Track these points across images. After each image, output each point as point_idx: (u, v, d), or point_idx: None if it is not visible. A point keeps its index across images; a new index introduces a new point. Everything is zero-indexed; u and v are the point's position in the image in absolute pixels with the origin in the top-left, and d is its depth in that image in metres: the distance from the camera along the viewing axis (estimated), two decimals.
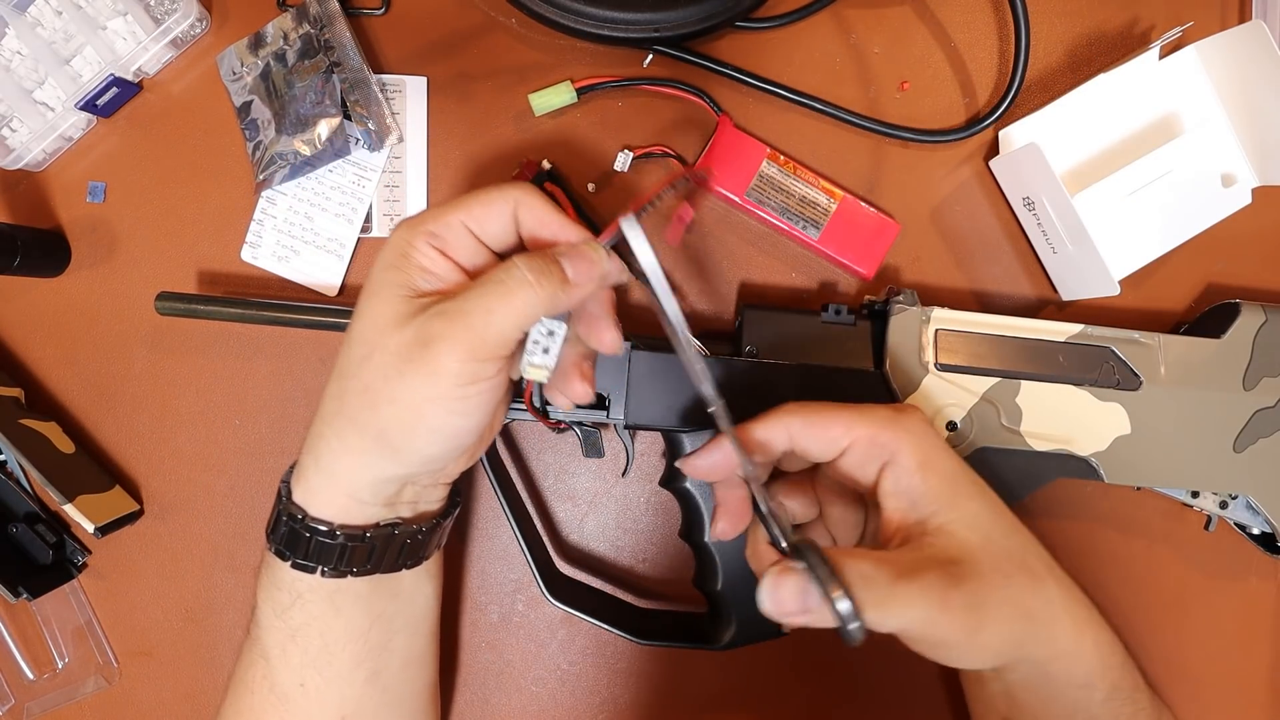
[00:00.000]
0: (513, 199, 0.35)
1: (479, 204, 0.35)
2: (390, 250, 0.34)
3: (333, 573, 0.35)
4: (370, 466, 0.34)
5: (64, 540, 0.48)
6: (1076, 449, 0.43)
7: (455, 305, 0.32)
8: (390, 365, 0.32)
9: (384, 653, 0.38)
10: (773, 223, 0.48)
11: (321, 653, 0.36)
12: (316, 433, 0.35)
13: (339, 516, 0.35)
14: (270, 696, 0.37)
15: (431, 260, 0.34)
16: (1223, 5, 0.51)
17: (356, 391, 0.33)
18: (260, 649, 0.37)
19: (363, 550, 0.35)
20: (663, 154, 0.48)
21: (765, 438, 0.36)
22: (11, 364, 0.49)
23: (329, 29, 0.47)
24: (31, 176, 0.49)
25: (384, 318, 0.33)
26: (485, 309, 0.32)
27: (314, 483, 0.35)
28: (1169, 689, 0.49)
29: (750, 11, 0.47)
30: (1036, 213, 0.47)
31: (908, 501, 0.34)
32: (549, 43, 0.49)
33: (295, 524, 0.35)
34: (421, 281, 0.33)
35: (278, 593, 0.36)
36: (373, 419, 0.33)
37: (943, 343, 0.43)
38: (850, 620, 0.29)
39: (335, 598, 0.36)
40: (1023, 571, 0.34)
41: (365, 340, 0.33)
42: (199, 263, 0.49)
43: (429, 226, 0.34)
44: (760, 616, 0.43)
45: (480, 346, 0.32)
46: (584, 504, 0.49)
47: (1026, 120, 0.48)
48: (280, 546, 0.36)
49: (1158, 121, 0.49)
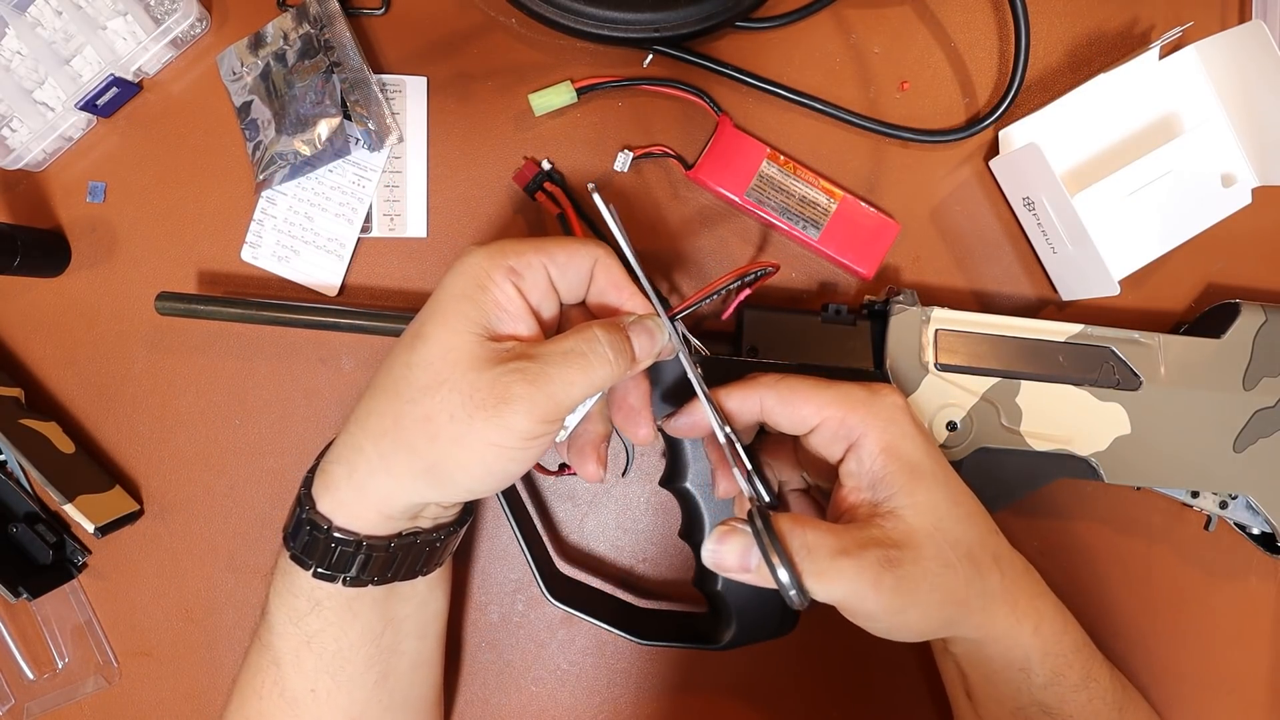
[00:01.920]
0: (594, 256, 0.35)
1: (564, 252, 0.35)
2: (464, 278, 0.34)
3: (353, 582, 0.35)
4: (411, 492, 0.34)
5: (64, 540, 0.48)
6: (1076, 449, 0.43)
7: (539, 369, 0.32)
8: (460, 407, 0.32)
9: (394, 655, 0.38)
10: (773, 223, 0.48)
11: (336, 657, 0.36)
12: (354, 445, 0.34)
13: (365, 529, 0.35)
14: (280, 702, 0.37)
15: (508, 298, 0.34)
16: (1223, 5, 0.51)
17: (416, 418, 0.32)
18: (271, 655, 0.37)
19: (385, 560, 0.35)
20: (663, 154, 0.48)
21: (736, 407, 0.37)
22: (11, 364, 0.49)
23: (329, 29, 0.47)
24: (31, 176, 0.49)
25: (457, 352, 0.32)
26: (568, 380, 0.32)
27: (344, 495, 0.35)
28: (1168, 689, 0.49)
29: (750, 11, 0.47)
30: (1036, 213, 0.47)
31: (866, 483, 0.35)
32: (549, 43, 0.49)
33: (319, 533, 0.34)
34: (497, 321, 0.33)
35: (294, 599, 0.36)
36: (429, 450, 0.32)
37: (943, 343, 0.43)
38: (789, 587, 0.32)
39: (353, 604, 0.36)
40: (966, 560, 0.35)
41: (434, 369, 0.32)
42: (199, 263, 0.49)
43: (510, 261, 0.34)
44: (760, 617, 0.43)
45: (553, 411, 0.32)
46: (584, 504, 0.49)
47: (1026, 120, 0.48)
48: (300, 554, 0.35)
49: (1158, 121, 0.49)
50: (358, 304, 0.49)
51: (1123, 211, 0.46)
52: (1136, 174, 0.45)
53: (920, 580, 0.33)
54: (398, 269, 0.49)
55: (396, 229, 0.49)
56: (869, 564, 0.33)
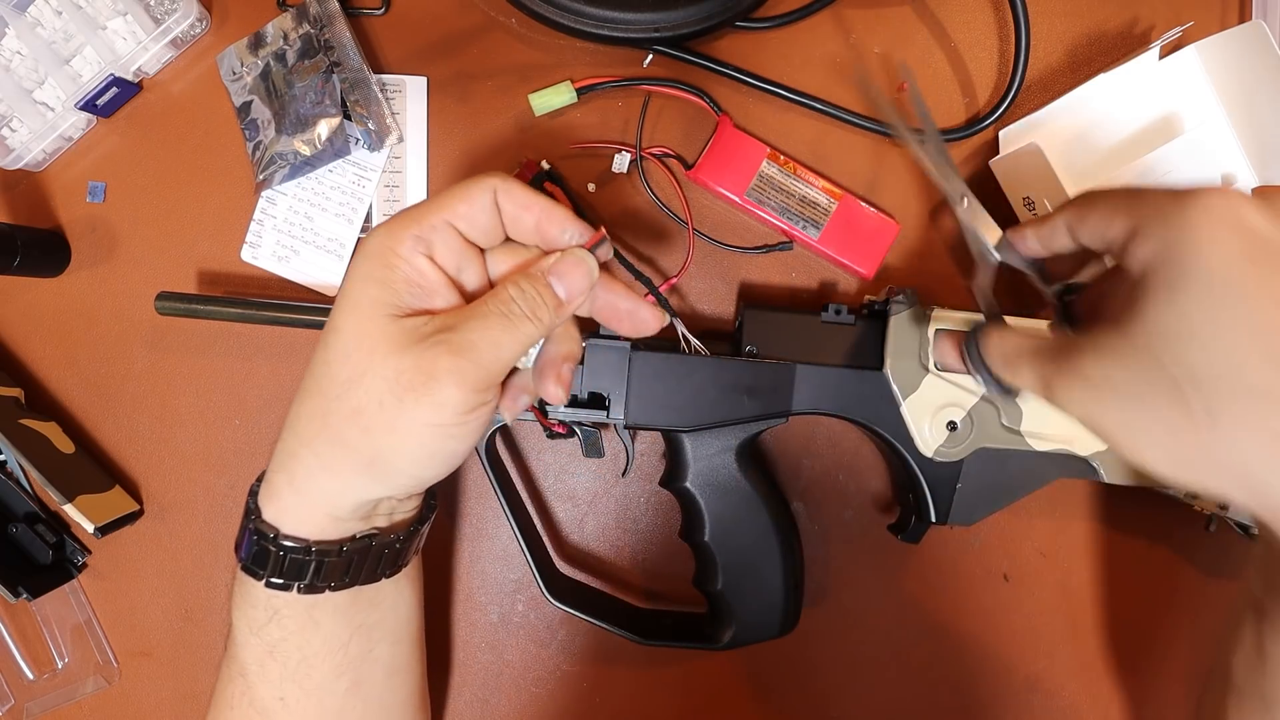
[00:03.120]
0: (490, 187, 0.33)
1: (461, 200, 0.33)
2: (370, 259, 0.32)
3: (308, 589, 0.34)
4: (356, 489, 0.33)
5: (64, 540, 0.48)
6: (1076, 449, 0.43)
7: (460, 338, 0.31)
8: (387, 392, 0.31)
9: (365, 663, 0.38)
10: (773, 223, 0.48)
11: (300, 666, 0.36)
12: (288, 450, 0.34)
13: (314, 534, 0.34)
14: (250, 711, 0.37)
15: (419, 271, 0.32)
16: (1223, 5, 0.51)
17: (344, 414, 0.31)
18: (238, 666, 0.36)
19: (339, 565, 0.34)
20: (663, 154, 0.48)
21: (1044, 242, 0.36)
22: (11, 364, 0.49)
23: (329, 29, 0.47)
24: (31, 176, 0.49)
25: (371, 338, 0.31)
26: (493, 342, 0.31)
27: (287, 501, 0.34)
28: (1168, 689, 0.49)
29: (750, 11, 0.47)
30: (1037, 213, 0.47)
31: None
32: (549, 43, 0.49)
33: (266, 541, 0.34)
34: (409, 297, 0.32)
35: (252, 610, 0.35)
36: (365, 443, 0.32)
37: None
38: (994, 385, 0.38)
39: (313, 611, 0.35)
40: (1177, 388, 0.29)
41: (351, 361, 0.31)
42: (199, 263, 0.49)
43: (413, 231, 0.32)
44: (760, 617, 0.44)
45: (485, 378, 0.31)
46: (584, 504, 0.49)
47: (1026, 120, 0.48)
48: (250, 564, 0.34)
49: (1158, 121, 0.49)
50: None
51: None
52: (1137, 174, 0.45)
53: (1111, 390, 0.30)
54: None
55: None
56: (1044, 356, 0.33)
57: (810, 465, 0.49)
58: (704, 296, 0.49)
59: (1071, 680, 0.49)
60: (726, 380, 0.42)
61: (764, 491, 0.44)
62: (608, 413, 0.42)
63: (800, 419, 0.46)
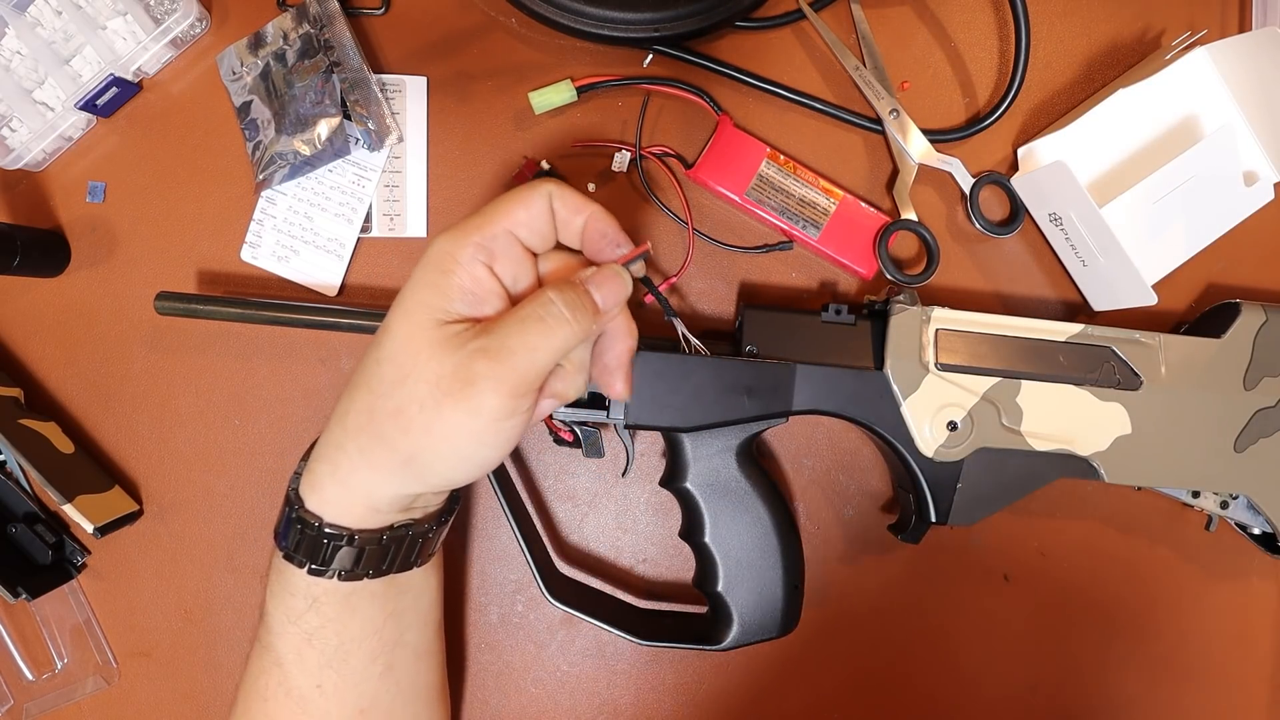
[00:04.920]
0: (546, 192, 0.35)
1: (522, 206, 0.34)
2: (429, 267, 0.33)
3: (349, 576, 0.35)
4: (395, 484, 0.34)
5: (63, 540, 0.48)
6: (1077, 449, 0.43)
7: (498, 343, 0.32)
8: (428, 395, 0.32)
9: (398, 647, 0.39)
10: (773, 223, 0.48)
11: (338, 652, 0.37)
12: (334, 442, 0.35)
13: (355, 523, 0.35)
14: (286, 701, 0.37)
15: (475, 279, 0.33)
16: (1222, 9, 0.51)
17: (388, 412, 0.33)
18: (273, 656, 0.37)
19: (379, 553, 0.36)
20: (663, 153, 0.48)
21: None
22: (11, 364, 0.49)
23: (329, 29, 0.47)
24: (31, 176, 0.49)
25: (418, 341, 0.32)
26: (529, 348, 0.32)
27: (330, 492, 0.35)
28: (1169, 689, 0.49)
29: (750, 11, 0.47)
30: (1065, 228, 0.46)
31: None
32: (549, 42, 0.49)
33: (310, 531, 0.35)
34: (460, 305, 0.33)
35: (291, 598, 0.36)
36: (404, 443, 0.33)
37: (943, 342, 0.43)
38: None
39: (351, 598, 0.36)
40: None
41: (397, 362, 0.33)
42: (199, 263, 0.49)
43: (475, 239, 0.33)
44: (760, 617, 0.43)
45: (522, 384, 0.32)
46: (584, 504, 0.49)
47: (1046, 138, 0.47)
48: (293, 552, 0.35)
49: (1176, 127, 0.49)
50: (357, 304, 0.48)
51: (1149, 220, 0.46)
52: (1160, 182, 0.45)
53: None
54: (398, 269, 0.49)
55: (396, 229, 0.49)
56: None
57: (810, 465, 0.49)
58: (704, 296, 0.49)
59: (1072, 680, 0.49)
60: (726, 380, 0.42)
61: (764, 491, 0.44)
62: (608, 412, 0.42)
63: (800, 419, 0.46)
